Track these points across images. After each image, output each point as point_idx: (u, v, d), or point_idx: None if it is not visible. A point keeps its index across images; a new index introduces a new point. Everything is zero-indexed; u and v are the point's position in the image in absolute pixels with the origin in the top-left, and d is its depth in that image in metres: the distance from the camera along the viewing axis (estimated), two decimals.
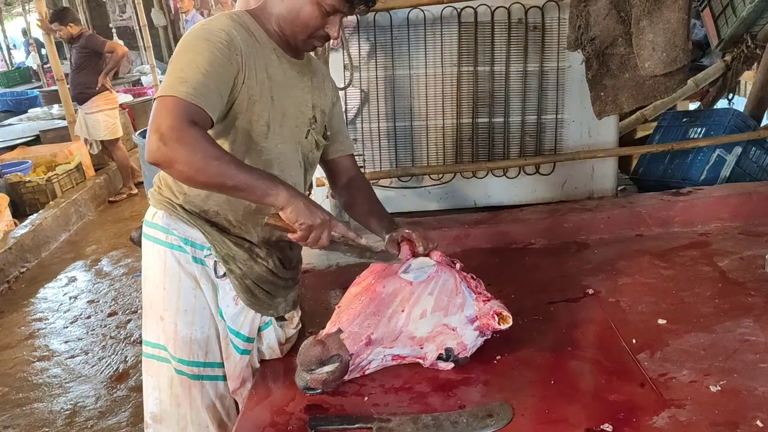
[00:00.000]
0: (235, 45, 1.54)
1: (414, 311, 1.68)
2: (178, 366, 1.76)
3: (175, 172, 1.43)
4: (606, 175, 2.97)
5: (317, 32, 1.64)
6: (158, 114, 1.41)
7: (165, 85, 1.46)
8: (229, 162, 1.43)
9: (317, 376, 1.60)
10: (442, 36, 2.75)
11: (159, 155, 1.39)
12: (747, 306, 1.92)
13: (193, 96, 1.43)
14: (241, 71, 1.56)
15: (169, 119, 1.39)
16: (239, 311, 1.76)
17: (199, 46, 1.51)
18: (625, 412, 1.48)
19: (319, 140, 1.83)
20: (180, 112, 1.40)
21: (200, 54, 1.49)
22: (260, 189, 1.46)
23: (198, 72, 1.46)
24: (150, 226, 1.77)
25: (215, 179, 1.42)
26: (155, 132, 1.39)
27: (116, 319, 4.18)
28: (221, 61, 1.51)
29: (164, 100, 1.43)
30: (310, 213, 1.49)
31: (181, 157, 1.38)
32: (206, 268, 1.74)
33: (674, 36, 2.21)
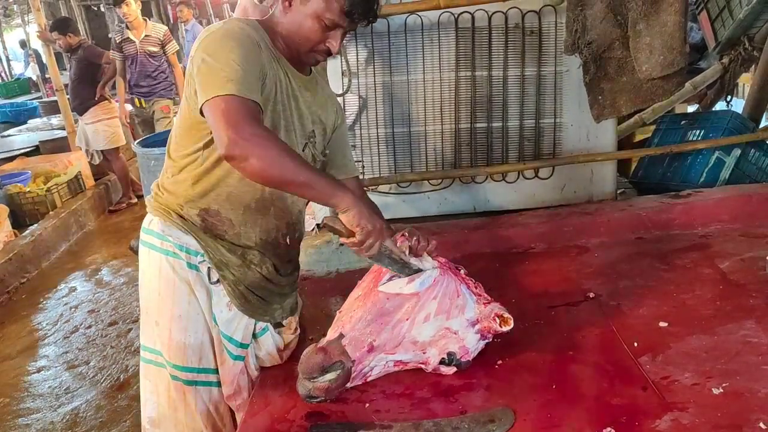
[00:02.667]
0: (258, 44, 1.59)
1: (418, 317, 1.67)
2: (172, 371, 1.77)
3: (249, 166, 1.46)
4: (605, 179, 2.97)
5: (318, 46, 1.67)
6: (225, 112, 1.45)
7: (210, 85, 1.48)
8: (300, 160, 1.50)
9: (320, 384, 1.59)
10: (439, 41, 2.76)
11: (235, 150, 1.43)
12: (748, 308, 1.91)
13: (245, 92, 1.47)
14: (264, 68, 1.59)
15: (237, 117, 1.44)
16: (232, 317, 1.77)
17: (228, 44, 1.53)
18: (627, 416, 1.47)
19: (317, 155, 1.84)
20: (245, 109, 1.46)
21: (233, 51, 1.52)
22: (328, 189, 1.52)
23: (239, 69, 1.50)
24: (146, 233, 1.79)
25: (288, 175, 1.47)
26: (227, 128, 1.43)
27: (117, 329, 4.17)
28: (253, 58, 1.55)
29: (224, 99, 1.46)
30: (370, 218, 1.55)
31: (257, 153, 1.43)
32: (200, 274, 1.75)
33: (671, 39, 2.21)
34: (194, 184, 1.70)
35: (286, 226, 1.83)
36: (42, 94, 13.24)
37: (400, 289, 1.67)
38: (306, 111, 1.77)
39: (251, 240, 1.77)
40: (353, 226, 1.54)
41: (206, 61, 1.52)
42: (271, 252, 1.81)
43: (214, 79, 1.49)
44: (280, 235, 1.82)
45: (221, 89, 1.46)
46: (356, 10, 1.61)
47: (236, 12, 3.17)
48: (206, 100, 1.48)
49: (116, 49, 6.12)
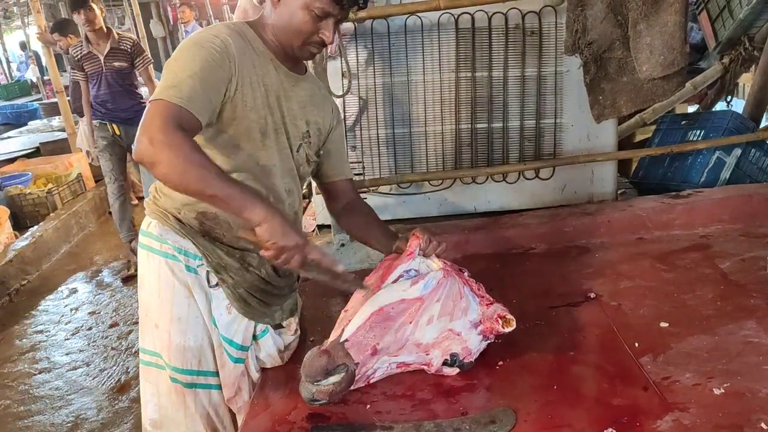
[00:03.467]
0: (229, 52, 1.56)
1: (422, 319, 1.67)
2: (172, 374, 1.76)
3: (158, 173, 1.44)
4: (606, 179, 2.97)
5: (312, 38, 1.65)
6: (148, 116, 1.45)
7: (157, 89, 1.50)
8: (211, 171, 1.44)
9: (324, 388, 1.59)
10: (439, 42, 2.76)
11: (145, 155, 1.43)
12: (749, 308, 1.91)
13: (181, 99, 1.46)
14: (234, 77, 1.57)
15: (157, 122, 1.42)
16: (232, 320, 1.76)
17: (191, 51, 1.54)
18: (628, 417, 1.47)
19: (311, 156, 1.83)
20: (169, 116, 1.44)
21: (192, 59, 1.52)
22: (238, 202, 1.45)
23: (188, 76, 1.49)
24: (145, 235, 1.78)
25: (195, 185, 1.44)
26: (144, 133, 1.42)
27: (117, 330, 4.17)
28: (213, 67, 1.53)
29: (155, 104, 1.47)
30: (283, 234, 1.46)
31: (165, 159, 1.41)
32: (199, 277, 1.74)
33: (671, 39, 2.21)
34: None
35: None
36: (42, 95, 13.25)
37: (403, 292, 1.67)
38: (299, 111, 1.76)
39: (249, 243, 1.76)
40: (264, 241, 1.47)
41: (167, 64, 1.54)
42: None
43: (162, 83, 1.50)
44: None
45: (161, 93, 1.47)
46: None
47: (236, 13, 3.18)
48: (148, 102, 1.50)
49: (76, 68, 5.05)
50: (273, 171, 1.72)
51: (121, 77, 4.90)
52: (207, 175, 1.43)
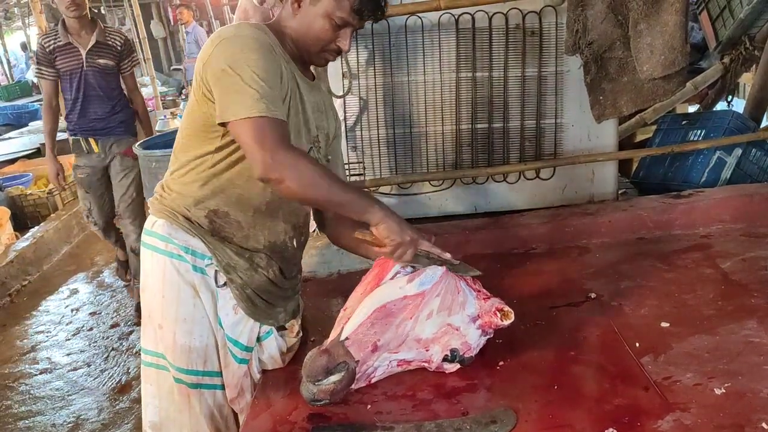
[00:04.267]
0: (276, 51, 1.61)
1: (422, 314, 1.68)
2: (176, 374, 1.76)
3: (285, 188, 1.53)
4: (606, 179, 2.97)
5: (329, 45, 1.68)
6: (258, 135, 1.50)
7: (239, 104, 1.51)
8: (332, 180, 1.57)
9: (324, 387, 1.59)
10: (440, 43, 2.76)
11: (273, 173, 1.50)
12: (750, 308, 1.91)
13: (273, 111, 1.52)
14: (282, 76, 1.61)
15: (271, 140, 1.50)
16: (238, 320, 1.76)
17: (250, 56, 1.54)
18: (629, 417, 1.47)
19: (320, 159, 1.84)
20: (277, 132, 1.52)
21: (255, 64, 1.53)
22: (360, 206, 1.61)
23: (264, 85, 1.53)
24: (149, 235, 1.77)
25: (322, 195, 1.57)
26: (264, 152, 1.49)
27: (118, 331, 4.18)
28: (274, 68, 1.58)
29: (253, 122, 1.50)
30: (400, 231, 1.63)
31: (295, 176, 1.50)
32: (206, 277, 1.74)
33: (672, 39, 2.21)
34: (203, 185, 1.70)
35: (293, 229, 1.83)
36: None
37: (401, 290, 1.67)
38: (312, 115, 1.78)
39: (259, 243, 1.77)
40: (383, 238, 1.63)
41: (227, 72, 1.52)
42: (279, 255, 1.81)
43: (241, 97, 1.51)
44: (287, 238, 1.82)
45: (251, 109, 1.50)
46: (366, 8, 1.64)
47: (236, 14, 3.17)
48: (235, 120, 1.51)
49: (44, 63, 3.89)
50: None
51: (103, 78, 3.95)
52: (331, 185, 1.56)
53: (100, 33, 3.92)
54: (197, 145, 1.69)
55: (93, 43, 3.88)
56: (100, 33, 3.92)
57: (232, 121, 1.52)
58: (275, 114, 1.52)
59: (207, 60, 1.57)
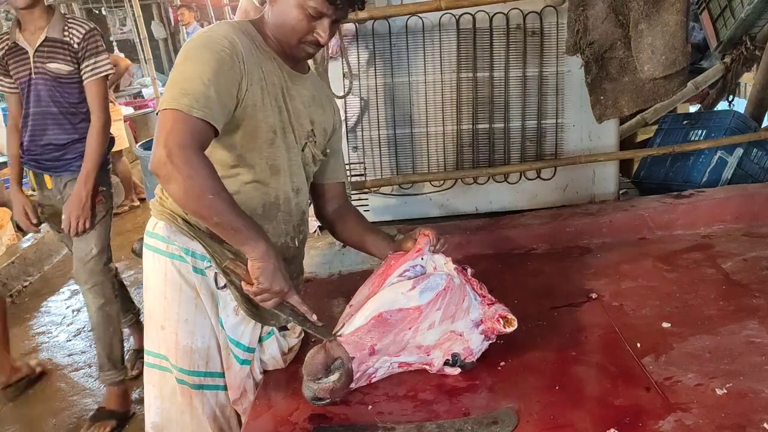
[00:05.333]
0: (237, 51, 1.56)
1: (422, 325, 1.68)
2: (179, 375, 1.76)
3: (171, 189, 1.46)
4: (607, 179, 2.97)
5: (306, 37, 1.64)
6: (164, 128, 1.45)
7: (168, 96, 1.48)
8: (223, 200, 1.47)
9: (325, 385, 1.60)
10: (440, 43, 2.76)
11: (162, 170, 1.44)
12: (752, 308, 1.91)
13: (196, 109, 1.46)
14: (245, 77, 1.57)
15: (176, 136, 1.43)
16: (239, 321, 1.76)
17: (200, 54, 1.52)
18: (630, 417, 1.47)
19: (317, 155, 1.83)
20: (187, 130, 1.44)
21: (203, 63, 1.50)
22: (243, 236, 1.50)
23: (201, 83, 1.48)
24: (151, 237, 1.77)
25: (205, 211, 1.47)
26: (163, 146, 1.43)
27: None
28: (224, 70, 1.52)
29: (171, 114, 1.46)
30: (273, 278, 1.53)
31: (181, 180, 1.43)
32: (206, 278, 1.74)
33: (673, 39, 2.21)
34: None
35: (293, 229, 1.83)
36: None
37: (402, 295, 1.66)
38: (303, 110, 1.76)
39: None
40: (254, 277, 1.54)
41: (177, 66, 1.52)
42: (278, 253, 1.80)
43: (174, 87, 1.48)
44: (288, 239, 1.82)
45: (171, 102, 1.46)
46: None
47: (237, 14, 3.17)
48: (160, 110, 1.49)
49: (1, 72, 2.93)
50: (282, 169, 1.72)
51: (57, 89, 2.86)
52: (219, 203, 1.46)
53: (55, 26, 2.82)
54: None
55: (41, 41, 2.81)
56: (54, 26, 2.82)
57: (159, 111, 1.49)
58: (197, 114, 1.45)
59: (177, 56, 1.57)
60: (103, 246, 3.00)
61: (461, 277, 1.76)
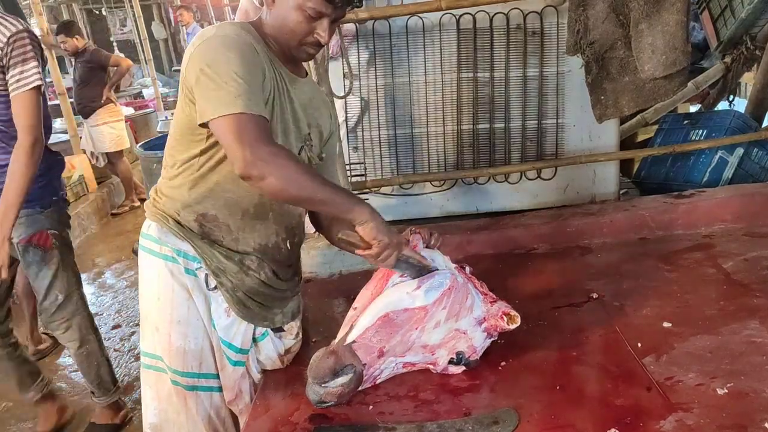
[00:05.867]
0: (256, 50, 1.58)
1: (428, 325, 1.68)
2: (173, 377, 1.76)
3: (267, 185, 1.48)
4: (608, 179, 2.96)
5: (307, 38, 1.64)
6: (235, 133, 1.46)
7: (216, 104, 1.47)
8: (315, 177, 1.52)
9: (332, 390, 1.59)
10: (441, 43, 2.76)
11: (253, 170, 1.46)
12: (752, 307, 1.91)
13: (253, 107, 1.48)
14: (264, 74, 1.58)
15: (252, 136, 1.46)
16: (231, 323, 1.76)
17: (228, 55, 1.51)
18: (631, 417, 1.47)
19: (313, 158, 1.82)
20: (258, 128, 1.48)
21: (233, 62, 1.50)
22: (345, 204, 1.55)
23: (243, 82, 1.49)
24: (145, 238, 1.78)
25: (305, 192, 1.50)
26: (246, 148, 1.45)
27: (120, 332, 4.18)
28: (254, 66, 1.54)
29: (232, 119, 1.46)
30: (388, 232, 1.57)
31: (275, 173, 1.46)
32: (198, 279, 1.74)
33: (673, 38, 2.21)
34: (191, 189, 1.69)
35: (285, 231, 1.81)
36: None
37: (407, 295, 1.66)
38: (302, 113, 1.75)
39: (249, 246, 1.75)
40: (370, 239, 1.56)
41: (206, 72, 1.50)
42: (270, 257, 1.79)
43: (220, 94, 1.48)
44: (280, 240, 1.80)
45: (230, 107, 1.46)
46: None
47: (237, 15, 3.17)
48: (214, 118, 1.48)
49: None
50: None
51: None
52: (315, 182, 1.51)
53: None
54: (184, 148, 1.67)
55: None
56: None
57: (212, 120, 1.48)
58: (255, 110, 1.48)
59: (188, 62, 1.54)
60: (69, 291, 2.70)
61: (463, 276, 1.76)
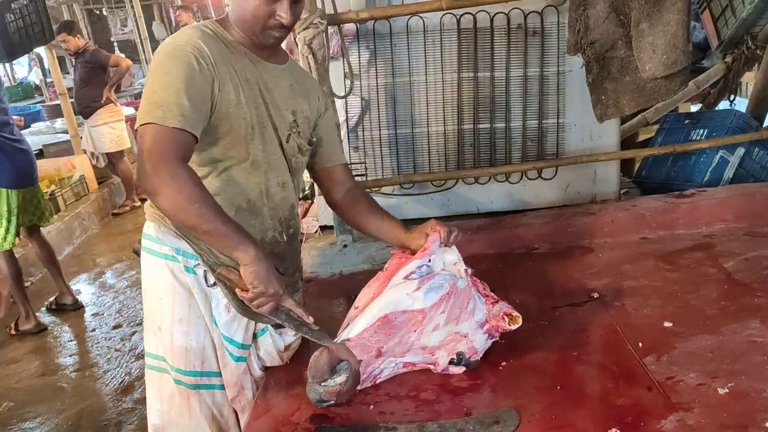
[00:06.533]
0: (204, 55, 1.57)
1: (427, 327, 1.67)
2: (176, 376, 1.77)
3: (158, 202, 1.50)
4: (609, 179, 2.96)
5: (269, 21, 1.64)
6: (144, 143, 1.49)
7: (142, 112, 1.51)
8: (210, 208, 1.50)
9: (331, 388, 1.59)
10: (441, 43, 2.76)
11: (147, 185, 1.48)
12: (753, 307, 1.91)
13: (171, 120, 1.48)
14: (216, 79, 1.58)
15: (157, 149, 1.47)
16: (232, 318, 1.76)
17: (167, 65, 1.54)
18: (632, 417, 1.47)
19: (302, 145, 1.82)
20: (166, 142, 1.48)
21: (170, 74, 1.53)
22: (232, 241, 1.52)
23: (172, 93, 1.50)
24: (146, 238, 1.79)
25: (192, 221, 1.50)
26: (145, 161, 1.47)
27: (121, 332, 4.18)
28: (193, 76, 1.54)
29: (147, 129, 1.49)
30: (267, 281, 1.54)
31: (167, 193, 1.47)
32: (197, 277, 1.74)
33: (674, 38, 2.21)
34: None
35: (280, 224, 1.81)
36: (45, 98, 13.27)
37: (407, 296, 1.66)
38: (283, 102, 1.75)
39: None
40: (248, 282, 1.54)
41: (147, 82, 1.56)
42: (268, 252, 1.77)
43: (147, 102, 1.52)
44: (276, 234, 1.80)
45: (150, 116, 1.49)
46: None
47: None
48: (139, 125, 1.51)
49: None
50: (263, 165, 1.72)
51: None
52: (206, 212, 1.49)
53: None
54: None
55: None
56: None
57: (138, 128, 1.52)
58: (173, 124, 1.48)
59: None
60: None
61: (468, 279, 1.74)
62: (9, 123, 3.89)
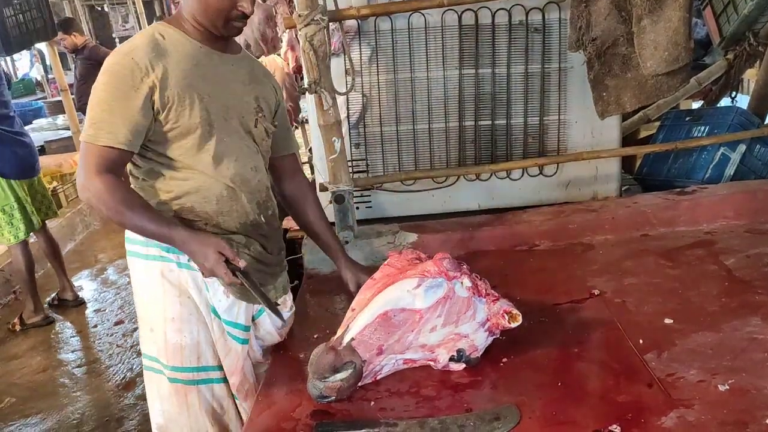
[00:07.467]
0: (141, 67, 1.61)
1: (425, 328, 1.68)
2: (171, 374, 1.79)
3: (96, 211, 1.67)
4: (610, 176, 2.96)
5: (231, 13, 1.68)
6: (80, 160, 1.63)
7: (84, 127, 1.63)
8: (135, 210, 1.63)
9: (332, 384, 1.60)
10: (443, 39, 2.75)
11: (84, 196, 1.63)
12: (754, 304, 1.91)
13: (102, 138, 1.58)
14: (156, 87, 1.61)
15: (86, 169, 1.60)
16: (231, 303, 1.79)
17: (104, 82, 1.63)
18: (633, 413, 1.47)
19: (269, 128, 1.88)
20: (95, 158, 1.59)
21: (106, 90, 1.61)
22: (163, 235, 1.65)
23: (103, 111, 1.60)
24: (130, 243, 1.82)
25: (127, 223, 1.66)
26: (82, 176, 1.61)
27: (122, 328, 4.19)
28: (126, 90, 1.60)
29: (83, 147, 1.62)
30: (201, 253, 1.64)
31: (100, 203, 1.61)
32: (192, 271, 1.75)
33: (676, 35, 2.20)
34: (159, 191, 1.75)
35: (258, 206, 1.85)
36: (47, 94, 13.27)
37: (407, 293, 1.67)
38: (243, 88, 1.80)
39: (232, 226, 1.79)
40: (196, 264, 1.68)
41: (91, 93, 1.64)
42: (255, 232, 1.84)
43: (86, 119, 1.63)
44: (257, 216, 1.84)
45: (84, 134, 1.62)
46: None
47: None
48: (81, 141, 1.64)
49: None
50: (232, 154, 1.75)
51: None
52: (133, 215, 1.62)
53: None
54: (142, 161, 1.74)
55: None
56: None
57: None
58: (102, 142, 1.58)
59: None
60: None
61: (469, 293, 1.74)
62: (9, 116, 3.98)
